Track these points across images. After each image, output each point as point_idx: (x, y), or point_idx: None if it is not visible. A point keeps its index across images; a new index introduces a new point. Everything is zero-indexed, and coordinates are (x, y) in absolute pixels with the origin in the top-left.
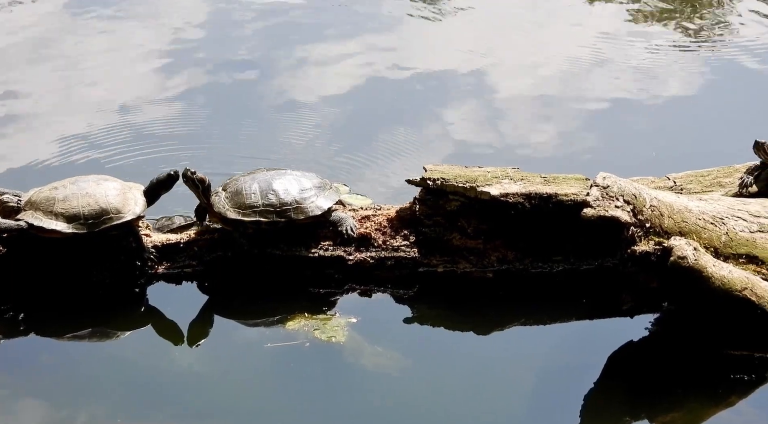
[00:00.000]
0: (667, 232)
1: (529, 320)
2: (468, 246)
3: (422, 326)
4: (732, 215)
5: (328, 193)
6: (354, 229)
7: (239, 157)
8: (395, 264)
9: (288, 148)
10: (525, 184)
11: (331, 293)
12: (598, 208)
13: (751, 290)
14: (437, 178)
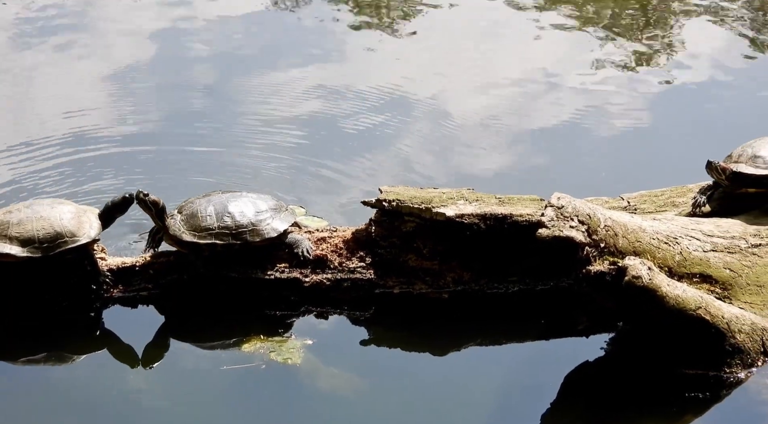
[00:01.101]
0: (621, 252)
1: (485, 341)
2: (424, 267)
3: (378, 347)
4: (686, 235)
5: (283, 216)
6: (310, 251)
7: (194, 180)
8: (351, 286)
9: (243, 171)
10: (480, 205)
11: (288, 315)
12: (552, 228)
13: (705, 309)
14: (393, 199)
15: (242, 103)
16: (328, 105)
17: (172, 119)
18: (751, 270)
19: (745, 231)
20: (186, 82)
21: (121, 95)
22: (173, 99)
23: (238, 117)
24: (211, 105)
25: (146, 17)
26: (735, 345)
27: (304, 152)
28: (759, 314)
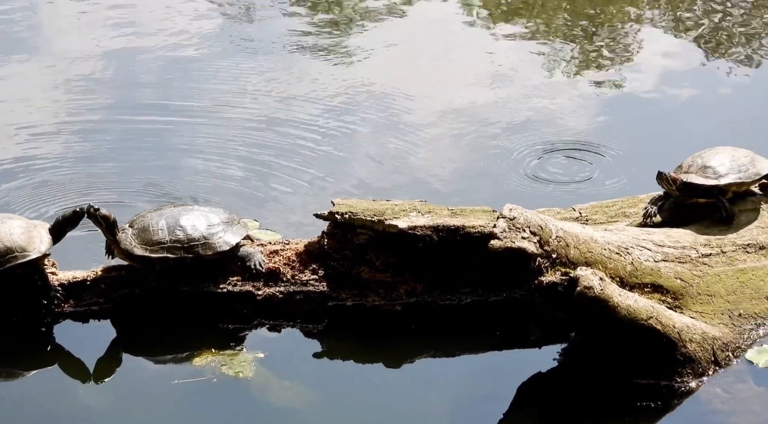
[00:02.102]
0: (573, 262)
1: (438, 353)
2: (377, 279)
3: (331, 360)
4: (637, 245)
5: (236, 229)
6: (262, 264)
7: (145, 194)
8: (304, 298)
9: (194, 185)
10: (432, 216)
11: (240, 328)
12: (505, 239)
13: (656, 319)
14: (345, 212)
15: (192, 115)
16: (280, 116)
17: (121, 134)
18: (701, 280)
19: (696, 241)
20: (133, 96)
21: (69, 110)
22: (121, 113)
23: (186, 129)
24: (160, 117)
25: (93, 35)
26: (686, 354)
27: (255, 164)
28: (709, 323)
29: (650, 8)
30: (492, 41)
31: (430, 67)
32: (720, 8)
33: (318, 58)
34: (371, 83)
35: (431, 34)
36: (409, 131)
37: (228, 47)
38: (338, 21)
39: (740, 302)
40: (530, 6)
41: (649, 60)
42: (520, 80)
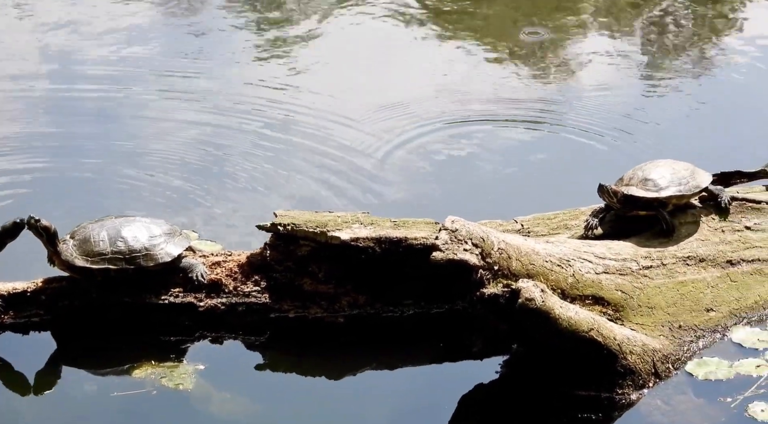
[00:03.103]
0: (515, 274)
1: (380, 365)
2: (319, 291)
3: (273, 372)
4: (578, 257)
5: (177, 240)
6: (204, 275)
7: (85, 204)
8: (246, 310)
9: (134, 195)
10: (375, 228)
11: (182, 340)
12: (447, 251)
13: (597, 331)
14: (288, 223)
15: (128, 125)
16: (220, 126)
17: (58, 142)
18: (642, 292)
19: (637, 253)
20: (68, 105)
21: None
22: (56, 119)
23: (125, 139)
24: (97, 126)
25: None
26: (627, 366)
27: (196, 175)
28: (650, 335)
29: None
30: (432, 53)
31: (369, 81)
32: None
33: (260, 67)
34: (314, 93)
35: (371, 45)
36: (351, 143)
37: (170, 53)
38: (283, 32)
39: (680, 314)
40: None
41: (591, 73)
42: (458, 91)
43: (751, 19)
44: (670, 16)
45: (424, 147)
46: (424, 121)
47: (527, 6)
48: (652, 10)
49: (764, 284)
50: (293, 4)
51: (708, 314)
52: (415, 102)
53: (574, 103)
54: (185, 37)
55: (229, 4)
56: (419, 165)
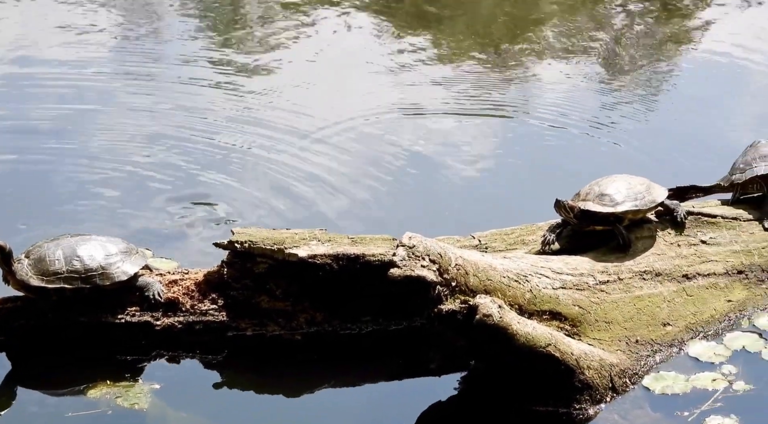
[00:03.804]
0: (472, 290)
1: (338, 382)
2: (277, 308)
3: (231, 390)
4: (535, 273)
5: (134, 258)
6: (161, 293)
7: (39, 224)
8: (204, 328)
9: (87, 213)
10: (332, 245)
11: (138, 359)
12: (404, 267)
13: (554, 346)
14: (245, 241)
15: (80, 142)
16: (174, 142)
17: (10, 158)
18: (599, 307)
19: (593, 268)
20: (19, 123)
21: None
22: (7, 142)
23: (78, 156)
24: (49, 143)
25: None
26: (584, 381)
27: (151, 193)
28: (607, 350)
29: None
30: (395, 67)
31: (325, 98)
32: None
33: (217, 75)
34: (273, 108)
35: (331, 59)
36: (308, 157)
37: (120, 62)
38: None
39: (637, 329)
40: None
41: (547, 88)
42: (415, 106)
43: (707, 33)
44: (628, 31)
45: (377, 159)
46: (377, 134)
47: (483, 25)
48: (610, 26)
49: (720, 298)
50: (255, 25)
51: (665, 329)
52: (372, 115)
53: (531, 118)
54: (138, 57)
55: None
56: (375, 180)
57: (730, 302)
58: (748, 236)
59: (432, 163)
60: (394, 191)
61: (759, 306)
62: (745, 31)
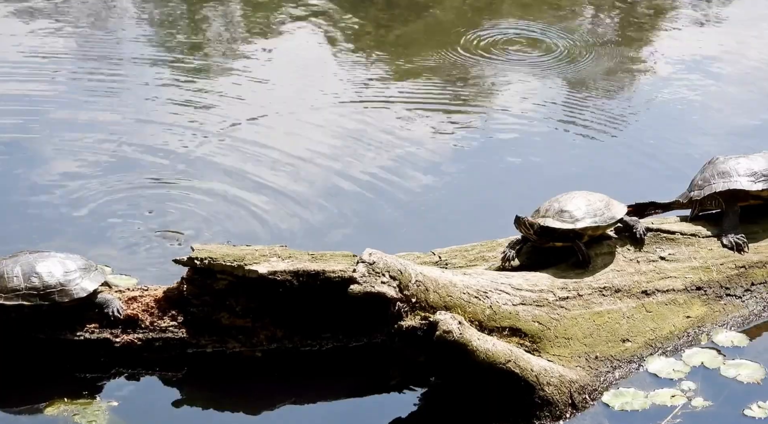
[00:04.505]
0: (432, 306)
1: (299, 399)
2: (237, 325)
3: (191, 407)
4: (495, 289)
5: (93, 275)
6: (120, 310)
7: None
8: (163, 345)
9: (47, 230)
10: (293, 261)
11: (98, 377)
12: (364, 284)
13: (514, 362)
14: (205, 257)
15: (37, 157)
16: (127, 158)
17: None
18: (559, 323)
19: (553, 284)
20: None
21: None
22: None
23: (35, 171)
24: (4, 159)
25: None
26: (544, 397)
27: (109, 208)
28: (567, 366)
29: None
30: (350, 85)
31: (291, 101)
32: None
33: (175, 87)
34: (231, 121)
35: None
36: (267, 173)
37: (80, 86)
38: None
39: (597, 345)
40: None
41: (511, 104)
42: (374, 121)
43: (670, 49)
44: (591, 44)
45: (338, 175)
46: (335, 150)
47: (445, 34)
48: (573, 38)
49: (679, 314)
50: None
51: (624, 345)
52: (331, 128)
53: (491, 133)
54: (95, 72)
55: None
56: (335, 196)
57: (689, 318)
58: (706, 252)
59: (392, 178)
60: (355, 206)
61: (718, 322)
62: (707, 48)
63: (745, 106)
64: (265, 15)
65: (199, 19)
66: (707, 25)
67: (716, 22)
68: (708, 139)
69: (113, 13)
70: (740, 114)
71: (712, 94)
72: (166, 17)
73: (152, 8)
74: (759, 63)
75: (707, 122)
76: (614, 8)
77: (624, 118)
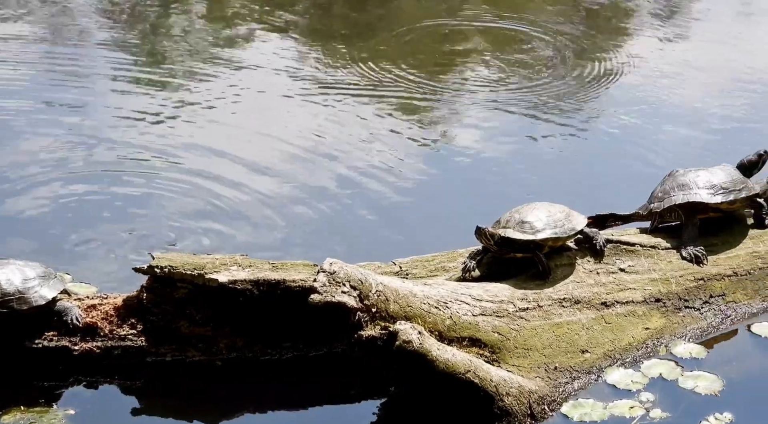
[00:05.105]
0: (393, 316)
1: (259, 408)
2: (196, 334)
3: (149, 416)
4: (456, 299)
5: (52, 283)
6: (79, 318)
7: None
8: (122, 353)
9: (4, 238)
10: (253, 270)
11: (56, 385)
12: (325, 294)
13: (473, 373)
14: (165, 265)
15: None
16: (88, 166)
17: None
18: (519, 333)
19: (513, 295)
20: None
21: None
22: None
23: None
24: None
25: None
26: (503, 408)
27: (69, 217)
28: (526, 376)
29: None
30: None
31: (252, 134)
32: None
33: (137, 98)
34: (190, 135)
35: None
36: (225, 187)
37: (40, 100)
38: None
39: (556, 356)
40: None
41: (471, 116)
42: (338, 130)
43: (630, 65)
44: (551, 61)
45: (300, 183)
46: (298, 159)
47: (410, 52)
48: (535, 56)
49: (638, 326)
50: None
51: (583, 356)
52: (293, 136)
53: (453, 145)
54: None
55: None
56: (299, 204)
57: (647, 329)
58: (666, 264)
59: (354, 189)
60: (316, 216)
61: (676, 334)
62: (667, 63)
63: (705, 120)
64: (226, 23)
65: (161, 30)
66: (667, 41)
67: (677, 38)
68: (667, 152)
69: (73, 26)
70: (699, 127)
71: (671, 108)
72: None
73: (112, 16)
74: (716, 78)
75: (666, 135)
76: (576, 16)
77: (584, 130)
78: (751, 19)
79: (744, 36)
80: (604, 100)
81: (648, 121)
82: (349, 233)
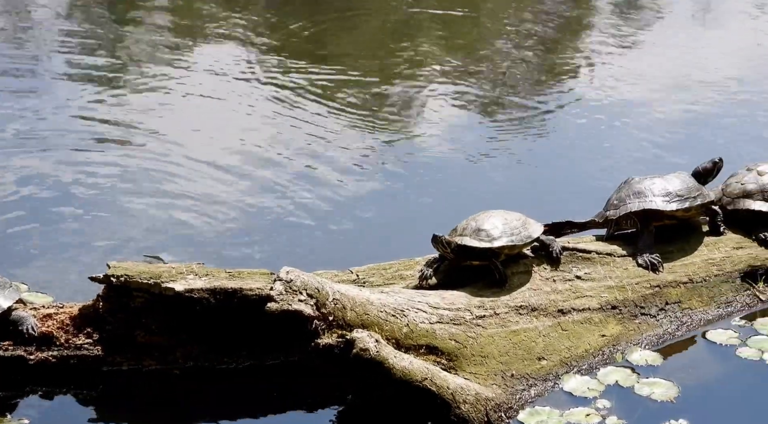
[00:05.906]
0: (350, 324)
1: (215, 416)
2: (153, 343)
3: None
4: (412, 307)
5: (7, 292)
6: (35, 328)
7: None
8: (79, 363)
9: None
10: (210, 279)
11: (10, 395)
12: (281, 302)
13: (431, 380)
14: (121, 274)
15: None
16: (50, 174)
17: None
18: (476, 341)
19: (470, 303)
20: None
21: None
22: None
23: None
24: None
25: None
26: (460, 415)
27: (24, 225)
28: (483, 384)
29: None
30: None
31: (205, 118)
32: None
33: (98, 102)
34: (142, 145)
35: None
36: (190, 189)
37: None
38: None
39: (513, 363)
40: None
41: (437, 122)
42: (295, 138)
43: (587, 74)
44: (509, 69)
45: (255, 190)
46: (259, 165)
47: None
48: (493, 63)
49: (594, 333)
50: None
51: (540, 363)
52: (251, 144)
53: (409, 153)
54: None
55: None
56: (251, 214)
57: (604, 336)
58: (622, 271)
59: (310, 196)
60: (272, 224)
61: (632, 341)
62: (623, 74)
63: (659, 127)
64: (185, 32)
65: (119, 37)
66: (622, 49)
67: (632, 46)
68: (622, 159)
69: (30, 33)
70: (654, 135)
71: (626, 116)
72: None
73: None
74: (670, 86)
75: (621, 143)
76: (536, 24)
77: (541, 137)
78: (709, 23)
79: (702, 39)
80: (560, 109)
81: (603, 129)
82: (305, 241)
